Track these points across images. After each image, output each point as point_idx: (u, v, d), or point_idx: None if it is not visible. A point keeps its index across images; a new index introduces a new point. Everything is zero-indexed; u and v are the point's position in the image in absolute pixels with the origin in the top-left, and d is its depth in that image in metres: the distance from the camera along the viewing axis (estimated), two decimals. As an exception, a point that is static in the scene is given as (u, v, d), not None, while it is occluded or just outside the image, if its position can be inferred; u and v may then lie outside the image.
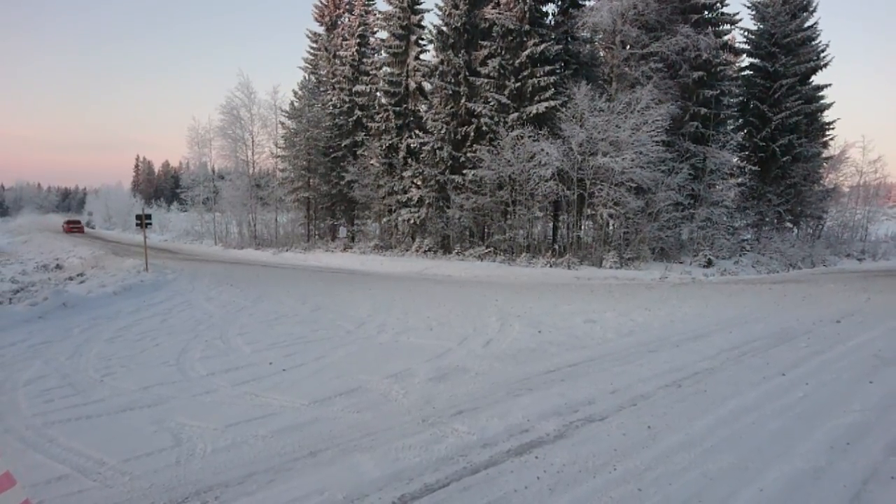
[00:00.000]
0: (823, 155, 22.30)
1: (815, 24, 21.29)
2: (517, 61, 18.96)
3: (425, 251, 20.52)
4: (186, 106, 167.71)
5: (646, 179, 17.00)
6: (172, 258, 20.30)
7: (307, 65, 29.26)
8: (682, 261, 17.68)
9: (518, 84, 18.99)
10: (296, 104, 26.33)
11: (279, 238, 28.23)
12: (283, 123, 27.20)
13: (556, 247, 19.28)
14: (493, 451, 3.74)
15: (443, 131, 20.21)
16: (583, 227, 19.39)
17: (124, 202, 58.62)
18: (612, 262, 17.22)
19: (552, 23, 19.87)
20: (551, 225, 20.77)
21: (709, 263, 17.16)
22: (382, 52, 24.48)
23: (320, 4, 29.13)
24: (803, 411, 4.52)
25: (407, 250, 21.07)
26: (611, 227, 18.82)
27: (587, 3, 19.50)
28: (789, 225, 22.03)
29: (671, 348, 6.53)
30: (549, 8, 19.95)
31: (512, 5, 19.29)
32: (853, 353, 6.31)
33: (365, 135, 23.93)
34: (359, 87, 24.53)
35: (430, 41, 21.55)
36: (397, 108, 22.16)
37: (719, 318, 8.45)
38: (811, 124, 21.52)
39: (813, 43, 21.21)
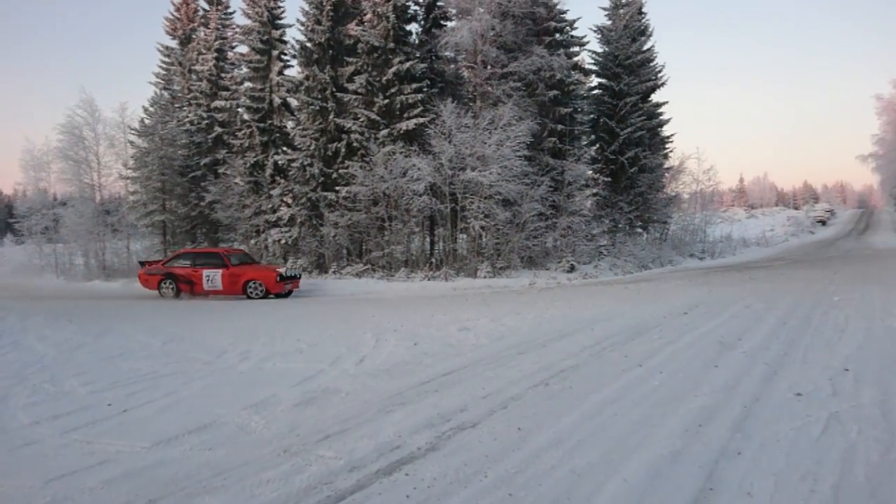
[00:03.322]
0: (665, 166, 24.76)
1: (651, 47, 23.70)
2: (384, 78, 18.98)
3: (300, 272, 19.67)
4: (19, 127, 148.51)
5: (512, 192, 17.71)
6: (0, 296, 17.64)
7: (159, 80, 27.10)
8: (548, 267, 18.59)
9: (386, 101, 19.00)
10: (147, 121, 24.21)
11: (132, 267, 25.61)
12: (132, 143, 24.85)
13: (434, 260, 19.40)
14: (361, 474, 3.49)
15: (312, 147, 19.64)
16: (458, 239, 19.73)
17: (-58, 237, 50.26)
18: (486, 272, 17.67)
19: (416, 41, 20.17)
20: (429, 239, 20.94)
21: (572, 268, 18.22)
22: (243, 66, 23.32)
23: (172, 17, 27.22)
24: (660, 399, 4.77)
25: (279, 272, 20.06)
26: (484, 239, 19.34)
27: (449, 23, 20.08)
28: (640, 230, 24.09)
29: (539, 349, 6.69)
30: (413, 27, 20.29)
31: (376, 23, 19.33)
32: (700, 340, 6.87)
33: (227, 152, 22.58)
34: (218, 103, 23.15)
35: (294, 56, 20.99)
36: (261, 125, 21.20)
37: (582, 317, 8.87)
38: (653, 138, 23.80)
39: (651, 64, 23.57)
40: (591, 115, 23.04)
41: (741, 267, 18.40)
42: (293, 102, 21.50)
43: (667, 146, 24.70)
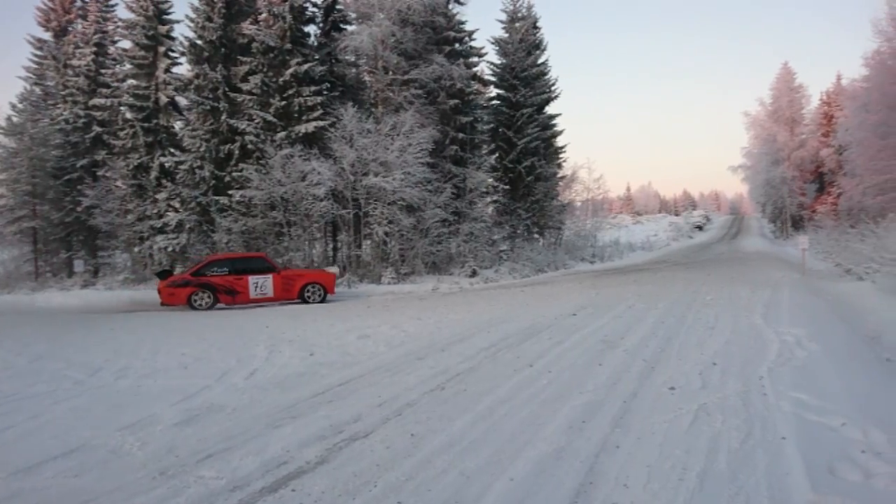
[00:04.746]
0: (559, 175, 26.06)
1: (546, 60, 24.87)
2: (281, 79, 18.42)
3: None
4: None
5: (415, 198, 17.82)
6: None
7: (30, 74, 24.56)
8: (451, 272, 18.88)
9: (284, 102, 18.45)
10: (15, 119, 21.88)
11: (-1, 278, 22.99)
12: (-3, 142, 22.37)
13: (337, 266, 19.07)
14: (244, 493, 3.33)
15: (202, 149, 18.66)
16: (362, 245, 19.55)
17: None
18: (391, 278, 17.63)
19: (315, 43, 19.80)
20: (331, 245, 20.57)
21: (474, 273, 18.62)
22: (126, 63, 21.78)
23: (45, 7, 24.76)
24: (547, 397, 4.96)
25: (167, 282, 18.81)
26: (388, 245, 19.30)
27: (349, 27, 19.89)
28: (536, 236, 25.14)
29: (437, 353, 6.76)
30: (311, 29, 19.90)
31: (272, 22, 18.75)
32: (586, 340, 7.24)
33: (107, 153, 20.89)
34: (97, 101, 21.41)
35: (183, 53, 19.95)
36: (146, 124, 19.83)
37: (480, 320, 9.08)
38: (548, 148, 24.96)
39: (545, 77, 24.71)
40: (491, 125, 23.73)
41: (627, 270, 19.71)
42: (182, 101, 20.41)
43: (560, 156, 26.03)
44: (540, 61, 24.53)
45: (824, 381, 5.32)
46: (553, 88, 24.84)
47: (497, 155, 23.73)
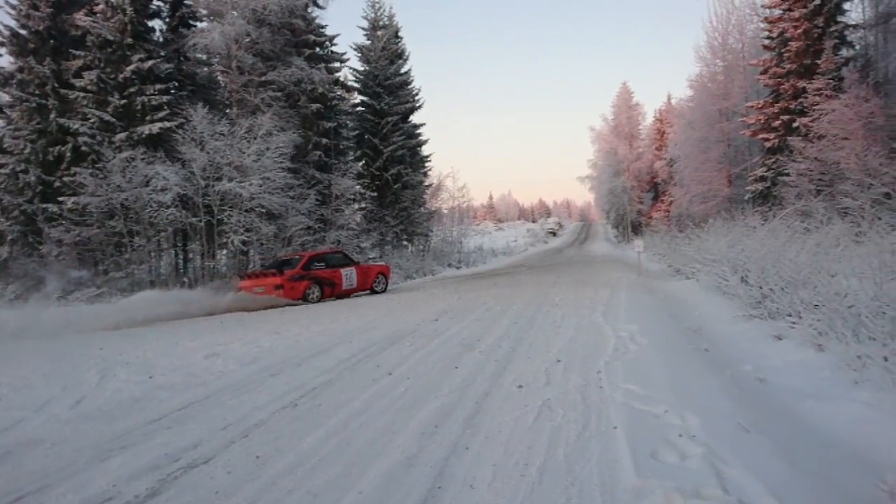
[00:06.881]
0: (425, 183, 26.57)
1: (408, 70, 25.29)
2: (121, 76, 16.80)
3: (11, 300, 16.20)
4: None
5: (276, 205, 17.13)
6: None
7: None
8: (316, 282, 18.38)
9: (125, 101, 16.84)
10: None
11: None
12: None
13: (187, 279, 17.69)
14: (55, 540, 2.94)
15: (27, 151, 16.47)
16: (217, 255, 18.36)
17: None
18: (249, 290, 16.71)
19: (161, 39, 18.33)
20: (181, 256, 19.08)
21: (340, 282, 18.28)
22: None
23: None
24: (404, 404, 4.96)
25: (-20, 302, 16.28)
26: (248, 255, 18.33)
27: (199, 23, 18.68)
28: (405, 243, 25.39)
29: (293, 368, 6.50)
30: (157, 23, 18.40)
31: (110, 14, 17.03)
32: (445, 344, 7.38)
33: None
34: None
35: (3, 44, 17.54)
36: (-47, 121, 17.12)
37: (343, 330, 8.90)
38: (414, 157, 25.36)
39: (409, 87, 25.08)
40: (357, 132, 23.62)
41: (488, 274, 20.53)
42: (3, 98, 17.93)
43: (426, 165, 26.60)
44: (403, 70, 24.87)
45: (651, 371, 5.82)
46: (417, 98, 25.30)
47: (364, 162, 23.65)
